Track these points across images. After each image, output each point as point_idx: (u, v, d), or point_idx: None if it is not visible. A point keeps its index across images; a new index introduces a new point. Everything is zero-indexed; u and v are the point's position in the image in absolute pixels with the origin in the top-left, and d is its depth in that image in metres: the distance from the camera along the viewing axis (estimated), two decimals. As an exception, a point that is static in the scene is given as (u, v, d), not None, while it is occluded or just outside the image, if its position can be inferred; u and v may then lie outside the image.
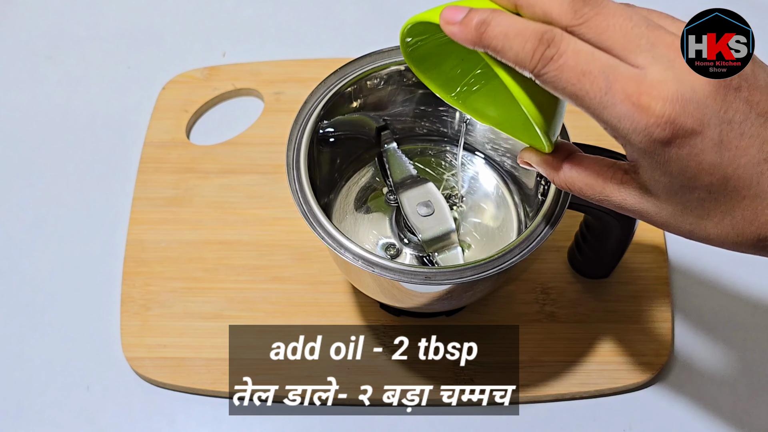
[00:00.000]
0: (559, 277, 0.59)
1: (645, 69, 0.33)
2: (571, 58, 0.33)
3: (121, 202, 0.64)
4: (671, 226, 0.36)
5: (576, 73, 0.33)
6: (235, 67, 0.71)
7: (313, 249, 0.61)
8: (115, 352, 0.58)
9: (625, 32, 0.33)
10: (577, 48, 0.33)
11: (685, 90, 0.32)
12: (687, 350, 0.58)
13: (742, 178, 0.33)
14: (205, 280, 0.60)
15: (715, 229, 0.35)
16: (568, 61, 0.33)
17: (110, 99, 0.71)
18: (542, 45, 0.33)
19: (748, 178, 0.33)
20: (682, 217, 0.35)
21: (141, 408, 0.56)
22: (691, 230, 0.36)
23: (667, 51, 0.33)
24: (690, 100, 0.32)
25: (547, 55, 0.33)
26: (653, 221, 0.37)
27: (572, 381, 0.55)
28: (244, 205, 0.63)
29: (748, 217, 0.34)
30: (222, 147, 0.66)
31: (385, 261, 0.45)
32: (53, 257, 0.62)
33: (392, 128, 0.57)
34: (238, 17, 0.77)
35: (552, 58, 0.33)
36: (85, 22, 0.76)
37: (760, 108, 0.33)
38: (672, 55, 0.33)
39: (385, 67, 0.52)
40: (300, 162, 0.48)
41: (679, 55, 0.33)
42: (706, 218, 0.35)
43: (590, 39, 0.34)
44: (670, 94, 0.32)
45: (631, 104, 0.32)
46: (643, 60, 0.33)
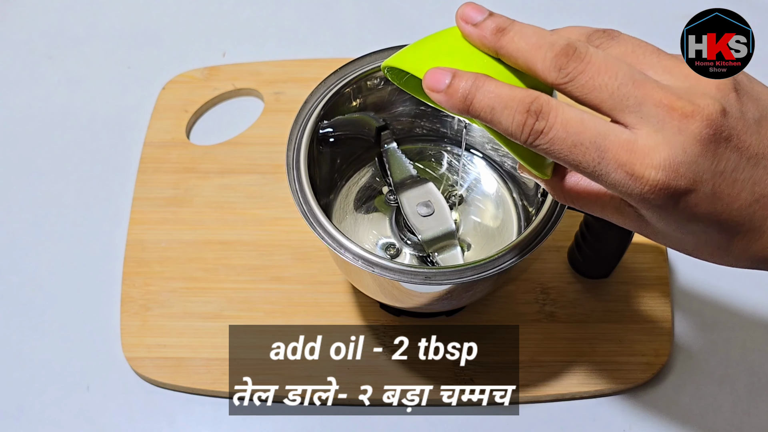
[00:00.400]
0: (559, 277, 0.59)
1: (635, 130, 0.33)
2: (561, 131, 0.33)
3: (121, 202, 0.64)
4: (669, 246, 0.38)
5: (567, 145, 0.33)
6: (235, 67, 0.71)
7: (313, 249, 0.61)
8: (115, 352, 0.58)
9: (611, 92, 0.33)
10: (565, 119, 0.33)
11: (676, 153, 0.32)
12: (687, 350, 0.58)
13: (735, 221, 0.34)
14: (205, 280, 0.60)
15: (711, 258, 0.37)
16: (558, 134, 0.33)
17: (110, 99, 0.71)
18: (531, 118, 0.33)
19: (741, 219, 0.34)
20: (679, 247, 0.37)
21: (141, 408, 0.56)
22: (688, 253, 0.37)
23: (655, 110, 0.33)
24: (682, 163, 0.32)
25: (537, 128, 0.33)
26: (652, 239, 0.38)
27: (572, 381, 0.55)
28: (244, 205, 0.63)
29: (742, 250, 0.35)
30: (222, 147, 0.66)
31: (385, 261, 0.45)
32: (53, 257, 0.62)
33: (392, 128, 0.57)
34: (238, 17, 0.77)
35: (542, 131, 0.33)
36: (85, 22, 0.76)
37: (750, 152, 0.33)
38: (660, 114, 0.33)
39: (385, 67, 0.52)
40: (300, 162, 0.48)
41: (668, 115, 0.32)
42: (701, 251, 0.36)
43: (577, 97, 0.34)
44: (661, 161, 0.32)
45: (624, 173, 0.33)
46: (632, 119, 0.33)
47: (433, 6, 0.77)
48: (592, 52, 0.34)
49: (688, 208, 0.33)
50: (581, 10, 0.76)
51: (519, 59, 0.35)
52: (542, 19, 0.76)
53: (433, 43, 0.38)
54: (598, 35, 0.36)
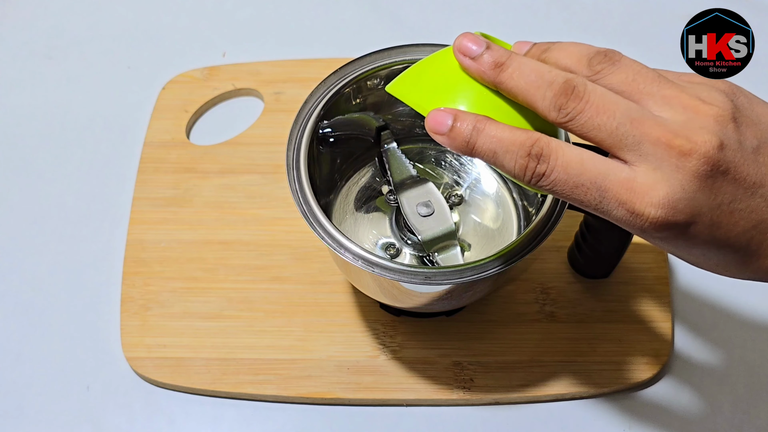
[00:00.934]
0: (559, 277, 0.59)
1: (634, 167, 0.34)
2: (562, 173, 0.34)
3: (121, 202, 0.64)
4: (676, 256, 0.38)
5: (569, 186, 0.34)
6: (235, 67, 0.71)
7: (313, 249, 0.61)
8: (115, 351, 0.58)
9: (610, 132, 0.34)
10: (566, 160, 0.34)
11: (674, 190, 0.33)
12: (687, 350, 0.58)
13: (732, 247, 0.35)
14: (205, 280, 0.60)
15: (709, 270, 0.38)
16: (559, 176, 0.34)
17: (110, 99, 0.71)
18: (532, 161, 0.35)
19: (739, 244, 0.35)
20: (682, 257, 0.38)
21: (141, 408, 0.56)
22: (690, 263, 0.38)
23: (653, 148, 0.33)
24: (680, 199, 0.33)
25: (539, 172, 0.35)
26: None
27: (572, 381, 0.55)
28: (244, 205, 0.63)
29: (739, 268, 0.36)
30: (222, 147, 0.66)
31: (385, 261, 0.45)
32: (53, 257, 0.62)
33: (392, 128, 0.57)
34: (238, 17, 0.77)
35: (543, 174, 0.35)
36: (85, 22, 0.76)
37: (747, 182, 0.34)
38: (659, 153, 0.33)
39: (385, 67, 0.52)
40: (300, 162, 0.48)
41: (666, 152, 0.33)
42: (704, 265, 0.37)
43: (578, 134, 0.35)
44: (660, 199, 0.33)
45: (625, 210, 0.34)
46: (631, 157, 0.34)
47: (433, 6, 0.77)
48: (590, 90, 0.34)
49: (689, 238, 0.34)
50: (581, 11, 0.76)
51: (519, 97, 0.36)
52: (542, 19, 0.76)
53: (434, 71, 0.39)
54: (599, 59, 0.36)
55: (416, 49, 0.51)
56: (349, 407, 0.56)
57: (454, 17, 0.76)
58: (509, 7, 0.77)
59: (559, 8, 0.77)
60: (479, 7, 0.77)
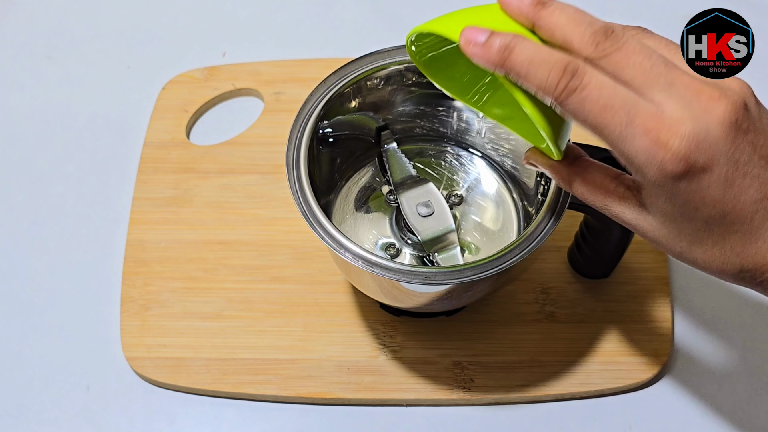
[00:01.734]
0: (559, 277, 0.59)
1: (662, 106, 0.34)
2: (594, 91, 0.34)
3: (121, 202, 0.64)
4: (662, 245, 0.38)
5: (598, 105, 0.34)
6: (235, 67, 0.71)
7: (313, 249, 0.61)
8: (115, 352, 0.58)
9: (644, 70, 0.34)
10: (600, 82, 0.34)
11: (700, 129, 0.33)
12: (687, 350, 0.58)
13: (738, 215, 0.35)
14: (205, 280, 0.60)
15: (703, 255, 0.37)
16: (591, 94, 0.34)
17: (110, 99, 0.71)
18: (566, 75, 0.34)
19: (744, 214, 0.35)
20: (675, 241, 0.37)
21: (141, 408, 0.56)
22: (680, 252, 0.38)
23: (684, 90, 0.34)
24: (704, 139, 0.33)
25: (572, 86, 0.34)
26: (646, 237, 0.38)
27: (572, 381, 0.55)
28: (244, 205, 0.63)
29: (736, 248, 0.36)
30: (222, 147, 0.66)
31: (385, 261, 0.45)
32: (53, 257, 0.62)
33: (392, 128, 0.57)
34: (238, 17, 0.77)
35: (576, 89, 0.34)
36: (85, 22, 0.76)
37: (763, 151, 0.35)
38: (689, 95, 0.34)
39: (385, 67, 0.52)
40: (300, 162, 0.48)
41: (696, 96, 0.34)
42: (696, 245, 0.37)
43: (610, 72, 0.35)
44: (686, 132, 0.33)
45: (649, 139, 0.34)
46: (661, 97, 0.34)
47: (433, 6, 0.76)
48: (628, 35, 0.35)
49: (700, 189, 0.34)
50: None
51: (557, 32, 0.36)
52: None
53: (467, 14, 0.38)
54: (632, 29, 0.37)
55: (416, 49, 0.51)
56: (349, 407, 0.56)
57: None
58: (509, 7, 0.77)
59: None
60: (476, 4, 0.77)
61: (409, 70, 0.53)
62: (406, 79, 0.53)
